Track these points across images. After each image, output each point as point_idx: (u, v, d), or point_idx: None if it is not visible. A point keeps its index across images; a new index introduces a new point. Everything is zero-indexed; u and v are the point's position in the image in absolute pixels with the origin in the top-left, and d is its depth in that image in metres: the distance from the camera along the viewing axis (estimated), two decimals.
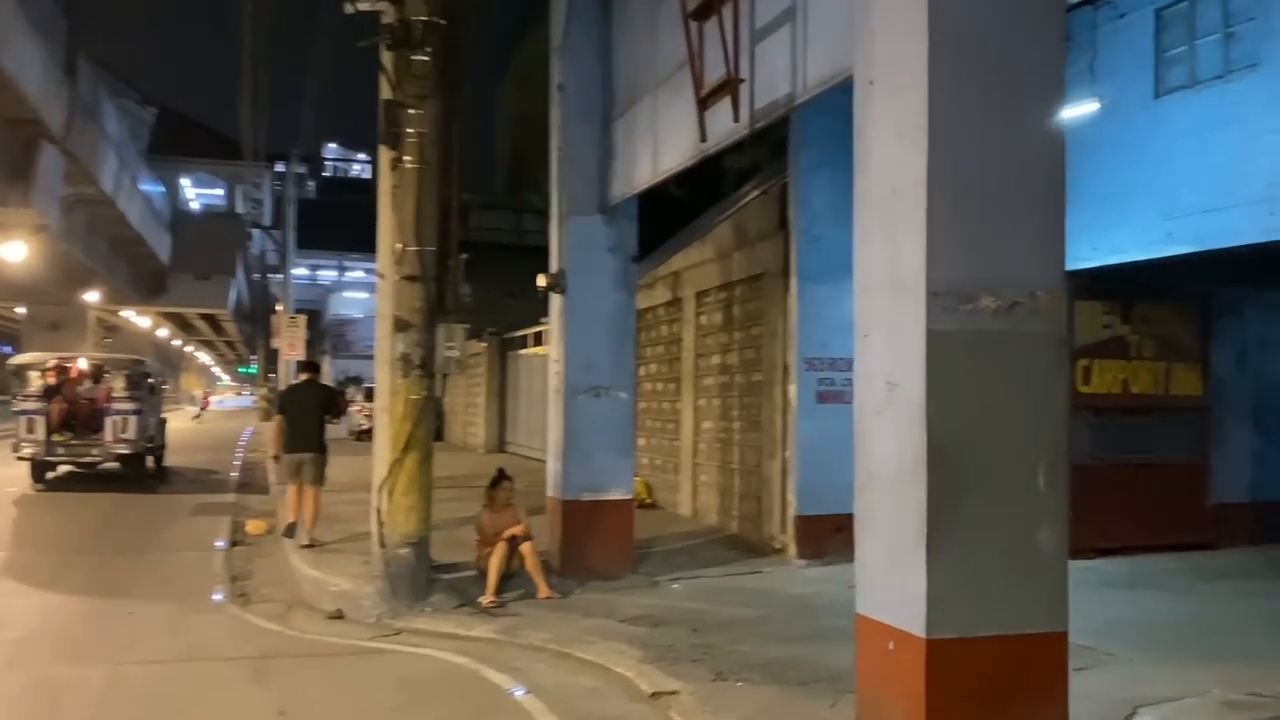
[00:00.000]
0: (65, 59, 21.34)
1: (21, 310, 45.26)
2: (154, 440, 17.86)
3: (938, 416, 3.99)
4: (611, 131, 8.91)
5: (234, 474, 19.42)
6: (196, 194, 55.88)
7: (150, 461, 17.53)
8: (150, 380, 18.06)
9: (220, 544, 11.27)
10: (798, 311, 9.81)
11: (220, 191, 56.70)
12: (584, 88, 9.01)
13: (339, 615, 7.91)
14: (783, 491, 10.01)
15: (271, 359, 44.05)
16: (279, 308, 32.28)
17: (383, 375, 8.55)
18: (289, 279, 31.92)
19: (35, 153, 21.13)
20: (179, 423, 28.16)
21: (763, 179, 11.52)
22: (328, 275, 79.13)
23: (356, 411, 27.09)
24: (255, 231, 51.21)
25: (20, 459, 15.36)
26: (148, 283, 45.24)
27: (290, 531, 10.46)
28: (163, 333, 63.84)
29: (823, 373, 9.88)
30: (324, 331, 67.55)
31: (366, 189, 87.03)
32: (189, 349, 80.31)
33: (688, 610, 7.87)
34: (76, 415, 15.98)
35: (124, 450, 15.91)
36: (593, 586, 8.66)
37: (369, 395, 28.09)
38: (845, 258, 10.03)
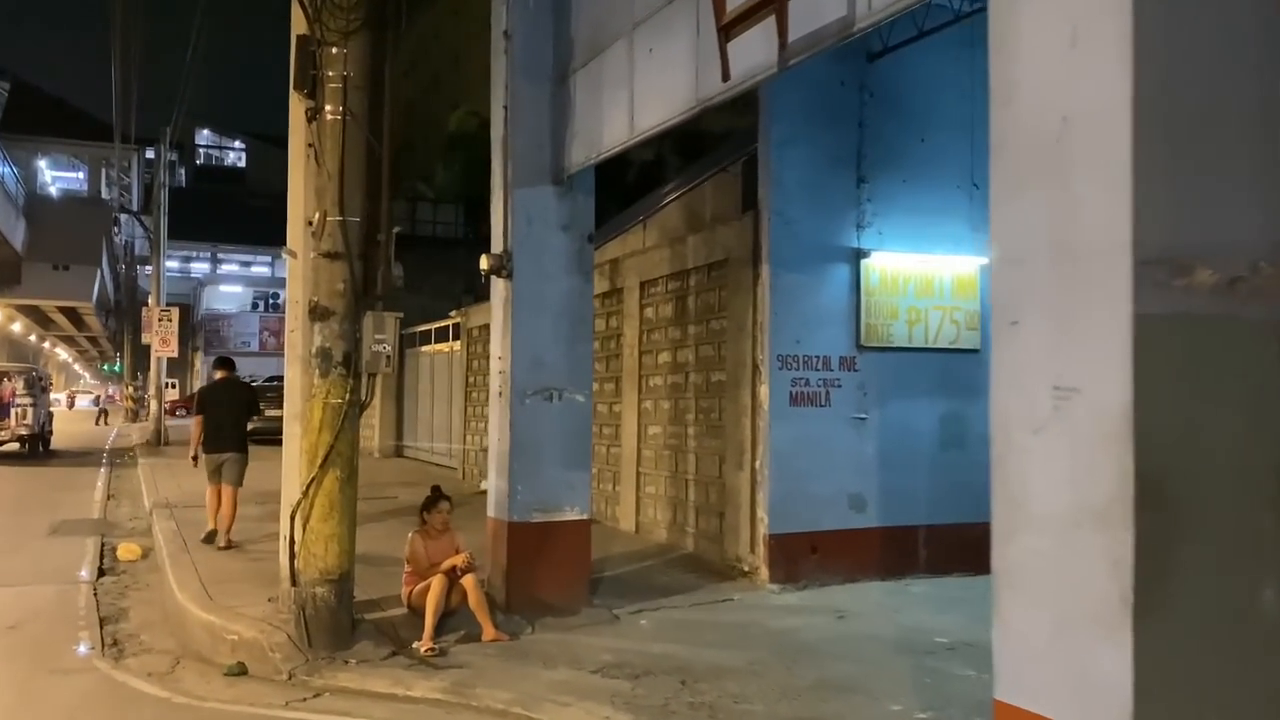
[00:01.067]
0: None
1: None
2: (45, 426, 24.29)
3: (1147, 434, 2.85)
4: (569, 87, 7.59)
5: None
6: (54, 177, 51.81)
7: (41, 444, 23.75)
8: (42, 382, 24.85)
9: (85, 574, 9.51)
10: (769, 303, 8.68)
11: (82, 175, 52.70)
12: (535, 35, 7.66)
13: (241, 671, 6.39)
14: (751, 506, 8.85)
15: (140, 356, 40.99)
16: (150, 300, 29.67)
17: (294, 374, 7.06)
18: (161, 269, 29.26)
19: None
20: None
21: (723, 155, 10.34)
22: (200, 268, 75.03)
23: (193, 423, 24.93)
24: (122, 219, 47.78)
25: None
26: None
27: (210, 537, 10.11)
28: (17, 327, 59.27)
29: (797, 372, 8.77)
30: (197, 327, 63.98)
31: (241, 178, 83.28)
32: (47, 345, 75.15)
33: (665, 654, 6.63)
34: None
35: (25, 432, 22.41)
36: (546, 624, 7.33)
37: None
38: (821, 242, 8.98)
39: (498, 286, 7.90)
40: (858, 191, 9.02)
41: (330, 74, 6.44)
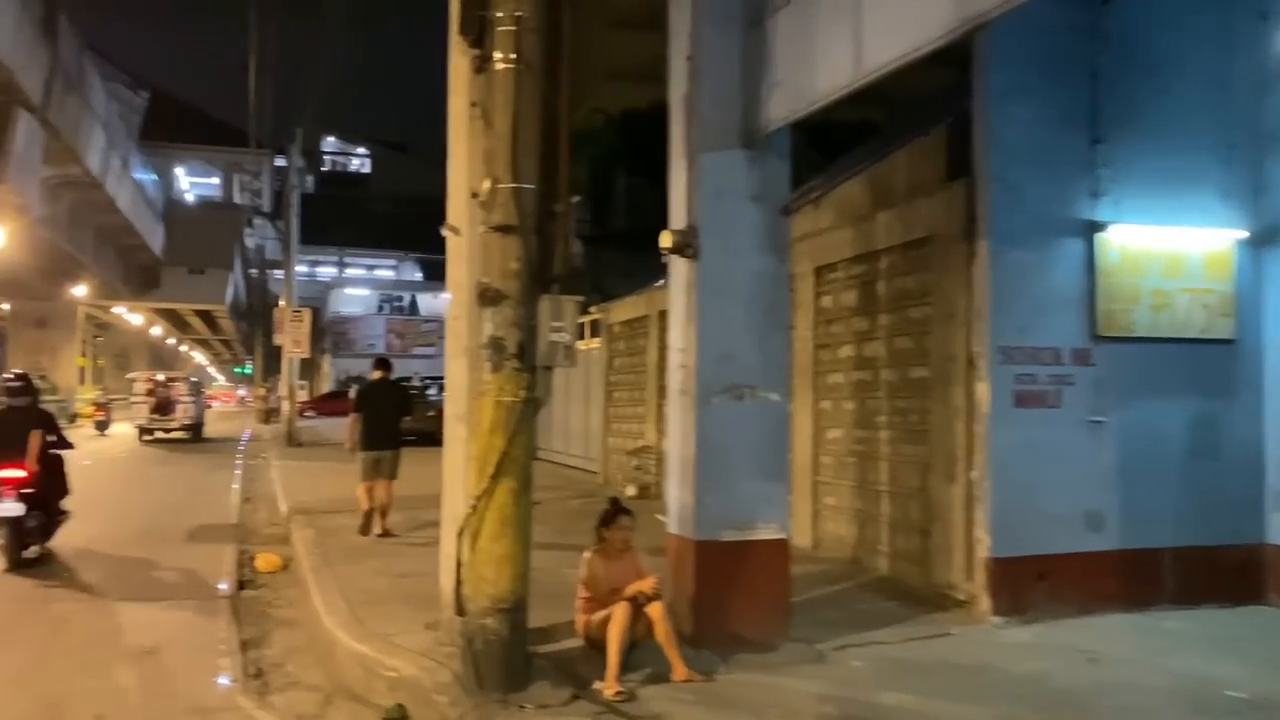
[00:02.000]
0: (43, 16, 18.89)
1: (6, 306, 42.84)
2: (200, 419, 31.90)
3: None
4: (765, 30, 6.48)
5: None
6: (191, 183, 53.38)
7: (197, 433, 31.06)
8: (198, 385, 34.66)
9: (224, 587, 8.84)
10: (989, 285, 7.41)
11: (216, 180, 54.20)
12: None
13: (400, 715, 5.47)
14: (967, 525, 7.59)
15: (271, 358, 41.63)
16: (281, 302, 29.79)
17: (458, 369, 6.16)
18: (292, 270, 29.33)
19: (9, 122, 18.71)
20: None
21: (918, 119, 9.10)
22: (327, 272, 76.76)
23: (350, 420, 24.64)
24: (254, 223, 48.88)
25: (136, 427, 30.45)
26: (139, 277, 42.89)
27: (366, 529, 10.50)
28: (156, 331, 61.43)
29: (1022, 367, 7.47)
30: (324, 330, 65.26)
31: (366, 183, 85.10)
32: (184, 348, 77.95)
33: (899, 708, 5.48)
34: (162, 405, 29.93)
35: (188, 422, 30.36)
36: (741, 661, 6.23)
37: None
38: (1050, 214, 7.39)
39: (679, 268, 6.84)
40: (1091, 154, 7.66)
41: (500, 14, 5.48)
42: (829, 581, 8.57)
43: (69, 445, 10.41)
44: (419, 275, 77.19)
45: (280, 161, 46.81)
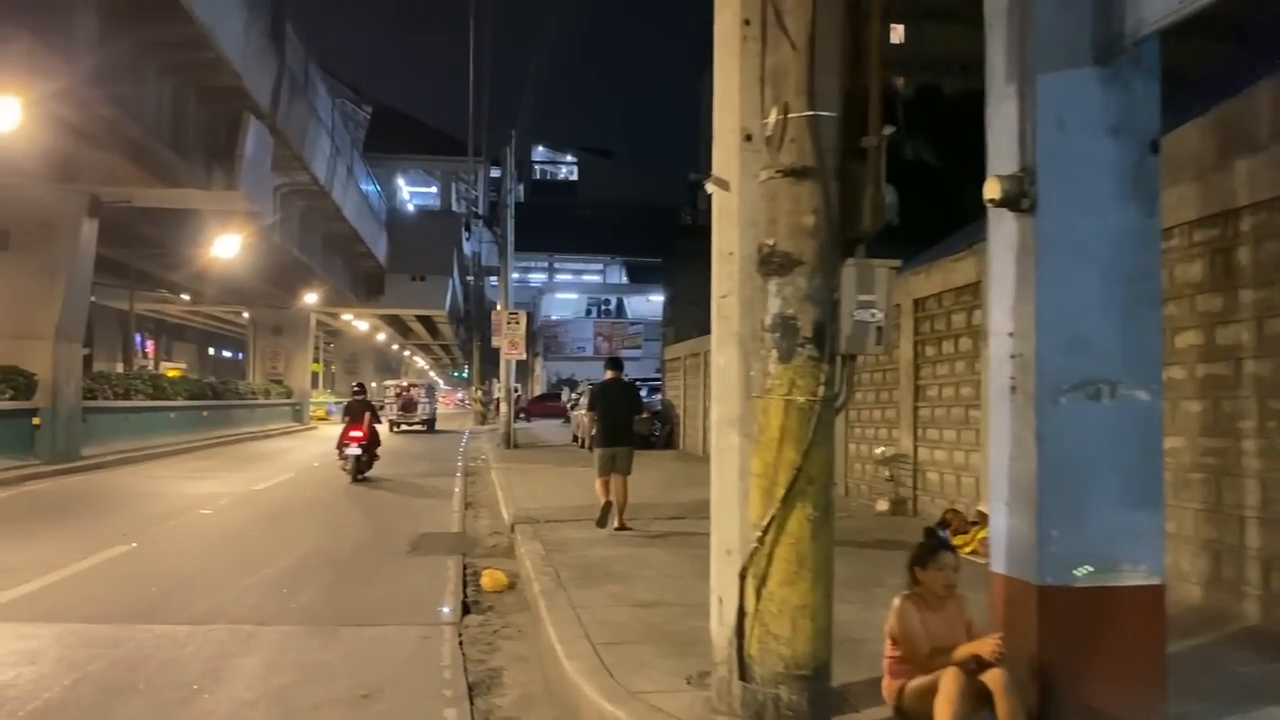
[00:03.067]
0: (271, 24, 19.10)
1: (246, 314, 45.40)
2: (434, 416, 42.84)
3: None
4: None
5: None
6: (411, 192, 55.18)
7: (430, 426, 41.28)
8: (433, 390, 48.41)
9: (447, 610, 7.89)
10: None
11: (434, 189, 55.79)
12: None
13: None
14: None
15: (487, 361, 42.37)
16: (498, 305, 29.74)
17: (728, 360, 4.84)
18: (508, 275, 29.22)
19: (239, 130, 19.01)
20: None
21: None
22: (537, 278, 78.48)
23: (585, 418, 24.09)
24: (469, 230, 49.96)
25: (388, 421, 36.87)
26: (365, 284, 44.45)
27: (603, 520, 10.86)
28: (381, 337, 64.08)
29: None
30: (536, 334, 66.43)
31: (573, 191, 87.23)
32: (406, 353, 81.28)
33: None
34: (407, 405, 40.69)
35: (425, 418, 41.27)
36: None
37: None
38: None
39: (1006, 226, 5.25)
40: None
41: None
42: (1181, 633, 6.66)
43: (380, 423, 20.06)
44: (624, 278, 77.75)
45: (494, 172, 47.60)
